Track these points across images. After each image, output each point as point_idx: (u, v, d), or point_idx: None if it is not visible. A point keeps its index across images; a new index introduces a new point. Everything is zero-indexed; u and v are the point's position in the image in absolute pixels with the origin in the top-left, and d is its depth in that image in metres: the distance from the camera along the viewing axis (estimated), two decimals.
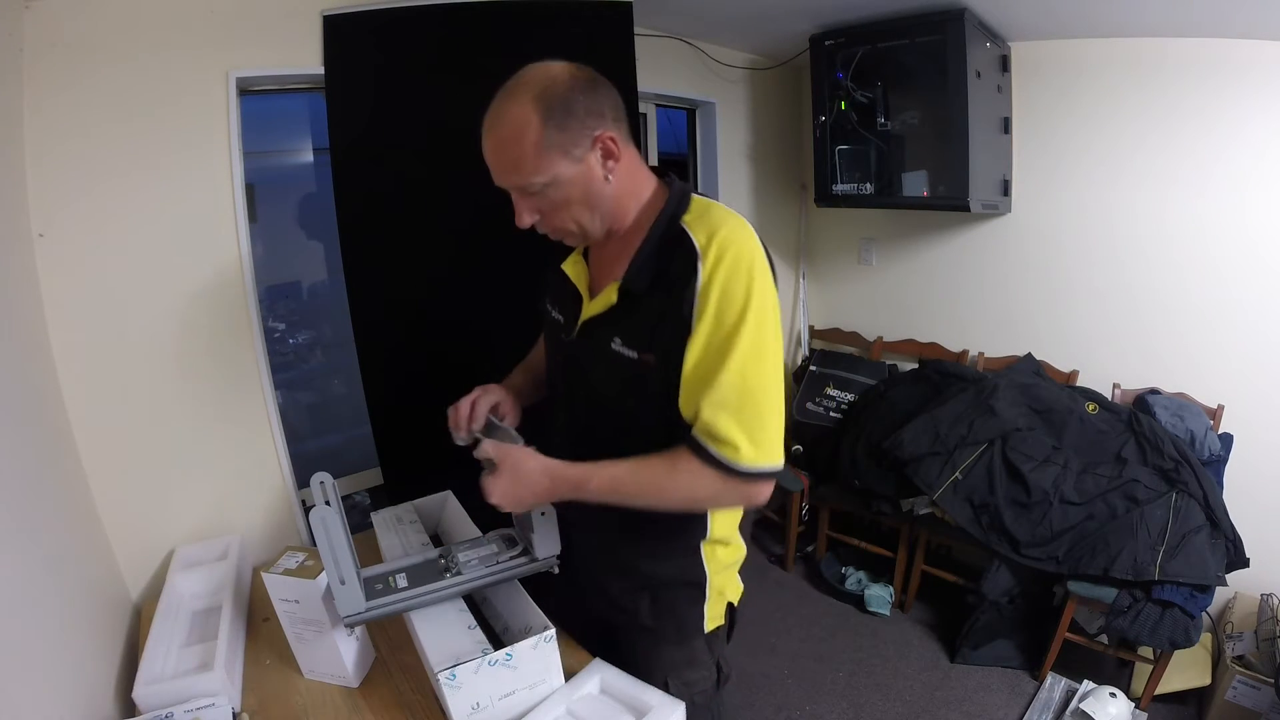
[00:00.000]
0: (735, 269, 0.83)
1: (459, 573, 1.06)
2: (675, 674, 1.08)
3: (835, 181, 2.41)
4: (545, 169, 0.84)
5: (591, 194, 0.88)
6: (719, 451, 0.84)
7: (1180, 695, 1.99)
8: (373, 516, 1.37)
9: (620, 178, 0.89)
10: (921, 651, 2.29)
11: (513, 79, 0.85)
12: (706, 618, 1.07)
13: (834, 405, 2.73)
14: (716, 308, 0.83)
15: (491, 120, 0.85)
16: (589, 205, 0.89)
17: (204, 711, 1.00)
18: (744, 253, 0.84)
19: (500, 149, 0.85)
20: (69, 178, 1.30)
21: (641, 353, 0.89)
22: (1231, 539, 1.90)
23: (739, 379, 0.83)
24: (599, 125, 0.85)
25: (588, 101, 0.84)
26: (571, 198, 0.87)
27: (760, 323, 0.83)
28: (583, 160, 0.85)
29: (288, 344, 2.38)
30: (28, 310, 1.24)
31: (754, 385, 0.83)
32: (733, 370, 0.83)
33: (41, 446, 1.18)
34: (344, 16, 1.57)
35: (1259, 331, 2.05)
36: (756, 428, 0.84)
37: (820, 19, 2.24)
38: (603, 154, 0.87)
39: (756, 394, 0.84)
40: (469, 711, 0.94)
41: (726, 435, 0.83)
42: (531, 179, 0.84)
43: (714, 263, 0.83)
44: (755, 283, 0.84)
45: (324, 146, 1.67)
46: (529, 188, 0.86)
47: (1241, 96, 1.96)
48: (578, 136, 0.84)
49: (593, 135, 0.85)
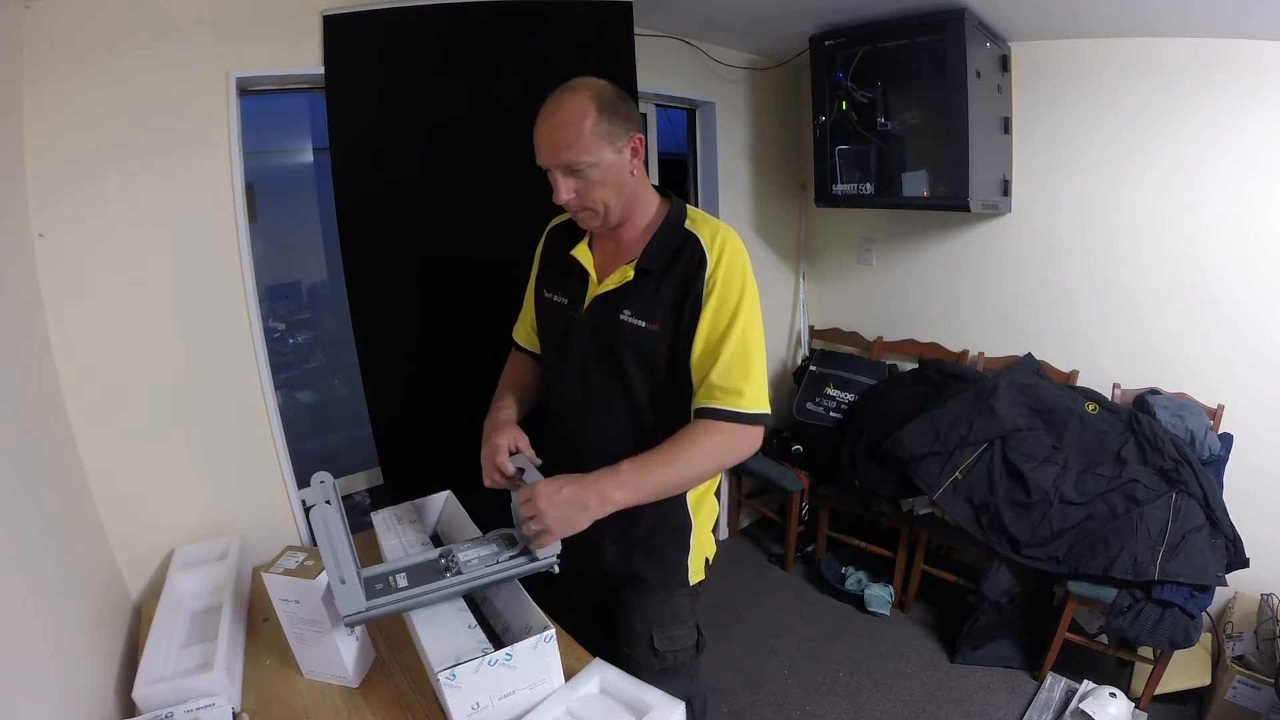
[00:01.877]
0: (734, 262, 1.07)
1: (459, 572, 1.06)
2: (660, 628, 1.20)
3: (835, 181, 2.41)
4: (593, 150, 1.02)
5: (621, 182, 1.07)
6: (729, 404, 1.04)
7: (1180, 695, 1.99)
8: (373, 516, 1.37)
9: (639, 178, 1.11)
10: (921, 651, 2.29)
11: (566, 85, 1.05)
12: (690, 570, 1.21)
13: (834, 405, 2.73)
14: (722, 290, 1.05)
15: (552, 109, 1.03)
16: (617, 191, 1.07)
17: (204, 711, 1.00)
18: (739, 250, 1.09)
19: (559, 130, 1.02)
20: (69, 178, 1.30)
21: (649, 323, 1.08)
22: (1231, 539, 1.90)
23: (740, 344, 1.05)
24: (634, 128, 1.07)
25: (627, 109, 1.06)
26: (607, 180, 1.05)
27: (752, 302, 1.07)
28: (621, 152, 1.05)
29: (288, 344, 2.38)
30: (28, 310, 1.24)
31: (750, 348, 1.06)
32: (735, 337, 1.05)
33: (41, 446, 1.18)
34: (344, 16, 1.58)
35: (1259, 331, 2.05)
36: (755, 381, 1.06)
37: (820, 19, 2.24)
38: (632, 152, 1.07)
39: (752, 353, 1.06)
40: (469, 711, 0.94)
41: (735, 385, 1.04)
42: (581, 157, 1.02)
43: (718, 256, 1.07)
44: (748, 272, 1.09)
45: (324, 146, 1.67)
46: (576, 164, 1.03)
47: (1241, 96, 1.96)
48: (620, 132, 1.04)
49: (629, 134, 1.06)
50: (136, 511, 1.42)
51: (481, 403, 1.82)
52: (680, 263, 1.08)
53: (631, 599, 1.21)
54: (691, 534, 1.20)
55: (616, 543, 1.19)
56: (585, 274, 1.15)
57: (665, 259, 1.09)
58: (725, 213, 2.74)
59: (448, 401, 1.79)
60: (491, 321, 1.53)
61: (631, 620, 1.21)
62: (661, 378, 1.10)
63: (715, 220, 1.12)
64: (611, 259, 1.15)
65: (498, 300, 1.78)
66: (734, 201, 2.78)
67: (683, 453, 1.04)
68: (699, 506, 1.21)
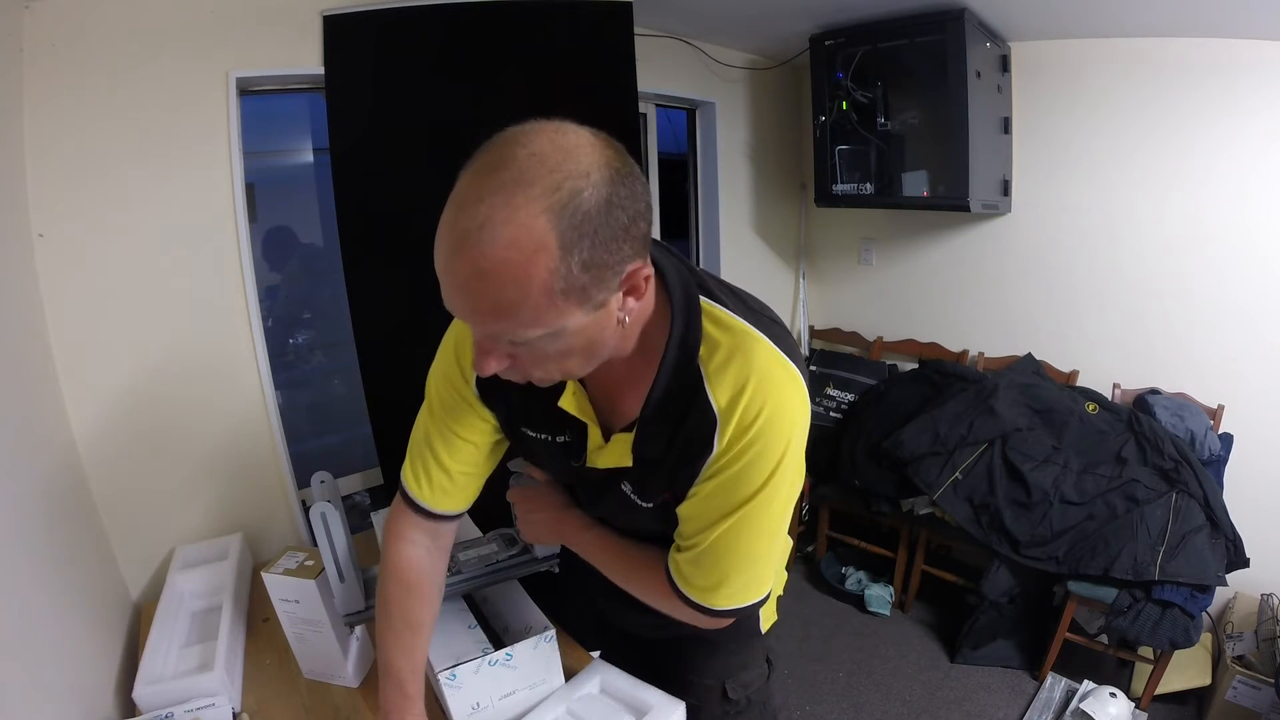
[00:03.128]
0: (765, 451, 0.66)
1: (459, 572, 1.06)
2: (732, 677, 1.04)
3: (835, 181, 2.41)
4: (551, 321, 0.56)
5: (596, 344, 0.62)
6: (693, 594, 0.76)
7: (1180, 695, 1.99)
8: (373, 516, 1.37)
9: (636, 317, 0.65)
10: (921, 651, 2.29)
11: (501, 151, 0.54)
12: (763, 620, 1.03)
13: (834, 405, 2.73)
14: (731, 482, 0.69)
15: (465, 229, 0.52)
16: (589, 355, 0.63)
17: (204, 711, 1.00)
18: (781, 429, 0.66)
19: (481, 284, 0.53)
20: (69, 178, 1.30)
21: (649, 500, 0.79)
22: (1231, 539, 1.90)
23: (734, 533, 0.71)
24: (635, 255, 0.57)
25: (629, 215, 0.55)
26: (572, 349, 0.61)
27: (774, 494, 0.69)
28: (604, 307, 0.58)
29: (288, 344, 2.38)
30: (28, 310, 1.24)
31: (745, 548, 0.73)
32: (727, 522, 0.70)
33: (41, 446, 1.18)
34: (344, 16, 1.57)
35: (1259, 331, 2.05)
36: (741, 576, 0.75)
37: (820, 19, 2.24)
38: (627, 293, 0.60)
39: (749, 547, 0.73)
40: (469, 711, 0.94)
41: (708, 576, 0.75)
42: (525, 332, 0.56)
43: (735, 437, 0.66)
44: (786, 459, 0.67)
45: (324, 146, 1.67)
46: (515, 338, 0.58)
47: (1242, 96, 1.96)
48: (607, 276, 0.56)
49: (625, 272, 0.57)
50: (136, 511, 1.42)
51: None
52: (682, 437, 0.70)
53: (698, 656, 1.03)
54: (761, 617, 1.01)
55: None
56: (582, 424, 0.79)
57: (668, 433, 0.71)
58: (725, 213, 2.74)
59: None
60: None
61: (698, 676, 1.03)
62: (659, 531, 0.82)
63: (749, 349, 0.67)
64: (614, 396, 0.77)
65: None
66: (734, 201, 2.78)
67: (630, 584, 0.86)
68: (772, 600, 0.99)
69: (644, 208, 0.57)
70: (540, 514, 0.97)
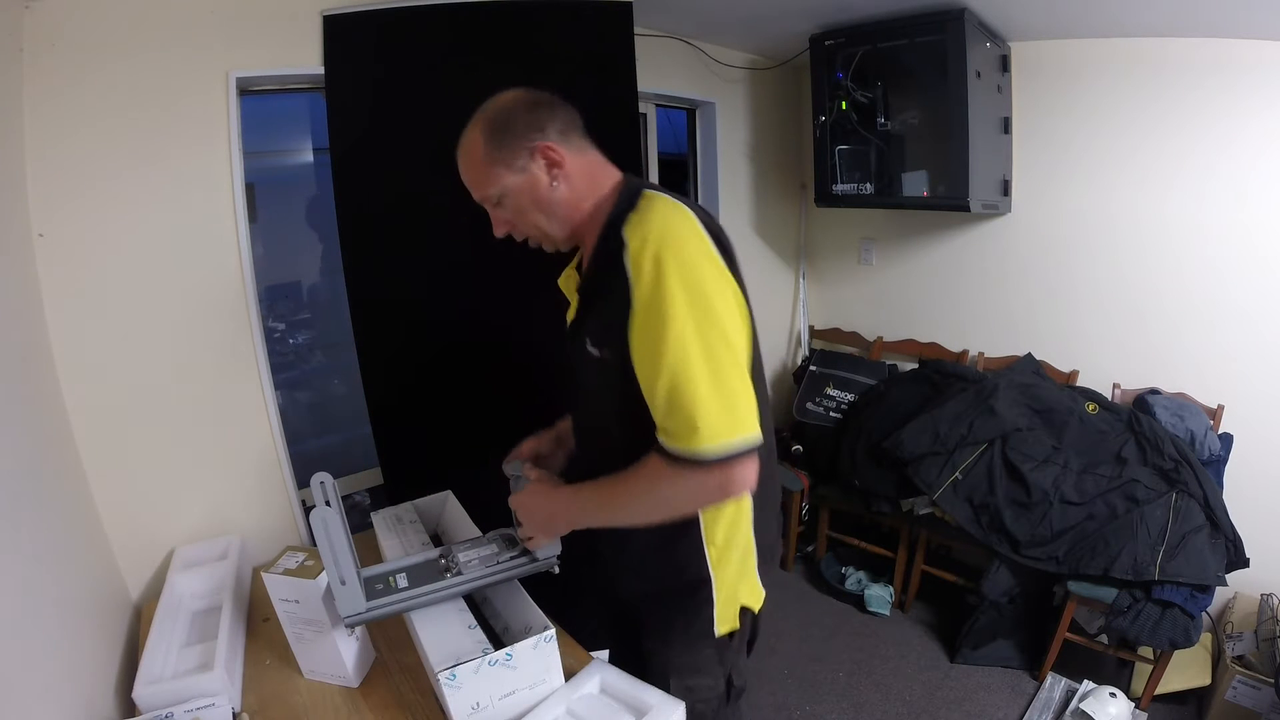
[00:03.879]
0: (659, 255, 0.82)
1: (459, 573, 1.06)
2: (678, 677, 1.06)
3: (835, 181, 2.41)
4: (494, 181, 0.94)
5: (540, 200, 0.94)
6: (678, 444, 0.81)
7: (1180, 695, 1.99)
8: (373, 516, 1.37)
9: (571, 182, 0.95)
10: (921, 651, 2.29)
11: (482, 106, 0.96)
12: (717, 620, 1.04)
13: (834, 405, 2.72)
14: (646, 298, 0.83)
15: (458, 146, 0.97)
16: (543, 210, 0.95)
17: (204, 711, 1.00)
18: (657, 226, 0.85)
19: (463, 170, 0.97)
20: (69, 178, 1.30)
21: (601, 350, 0.92)
22: (1231, 539, 1.90)
23: (681, 355, 0.80)
24: (537, 137, 0.92)
25: (527, 117, 0.93)
26: (524, 205, 0.95)
27: (691, 293, 0.81)
28: (526, 170, 0.93)
29: (288, 344, 2.38)
30: (28, 310, 1.24)
31: (700, 360, 0.80)
32: (670, 356, 0.80)
33: (41, 446, 1.18)
34: (344, 16, 1.57)
35: (1259, 331, 2.05)
36: (712, 405, 0.80)
37: (820, 19, 2.24)
38: (547, 164, 0.93)
39: (706, 368, 0.80)
40: (469, 711, 0.94)
41: (684, 414, 0.80)
42: (486, 191, 0.95)
43: (636, 257, 0.84)
44: (669, 251, 0.82)
45: (324, 146, 1.67)
46: (488, 199, 0.96)
47: (1241, 96, 1.96)
48: (516, 150, 0.92)
49: (530, 147, 0.92)
50: (136, 511, 1.42)
51: (481, 402, 1.82)
52: (606, 262, 0.89)
53: (650, 645, 1.09)
54: (714, 590, 1.03)
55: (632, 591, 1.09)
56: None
57: (601, 273, 0.91)
58: (725, 213, 2.74)
59: (448, 402, 1.79)
60: (492, 321, 1.53)
61: (649, 665, 1.08)
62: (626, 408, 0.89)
63: (661, 207, 0.88)
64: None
65: (498, 300, 1.78)
66: (734, 201, 2.78)
67: (627, 493, 0.90)
68: (721, 563, 1.02)
69: (549, 115, 0.94)
70: (536, 503, 1.03)
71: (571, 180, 0.94)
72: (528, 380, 1.62)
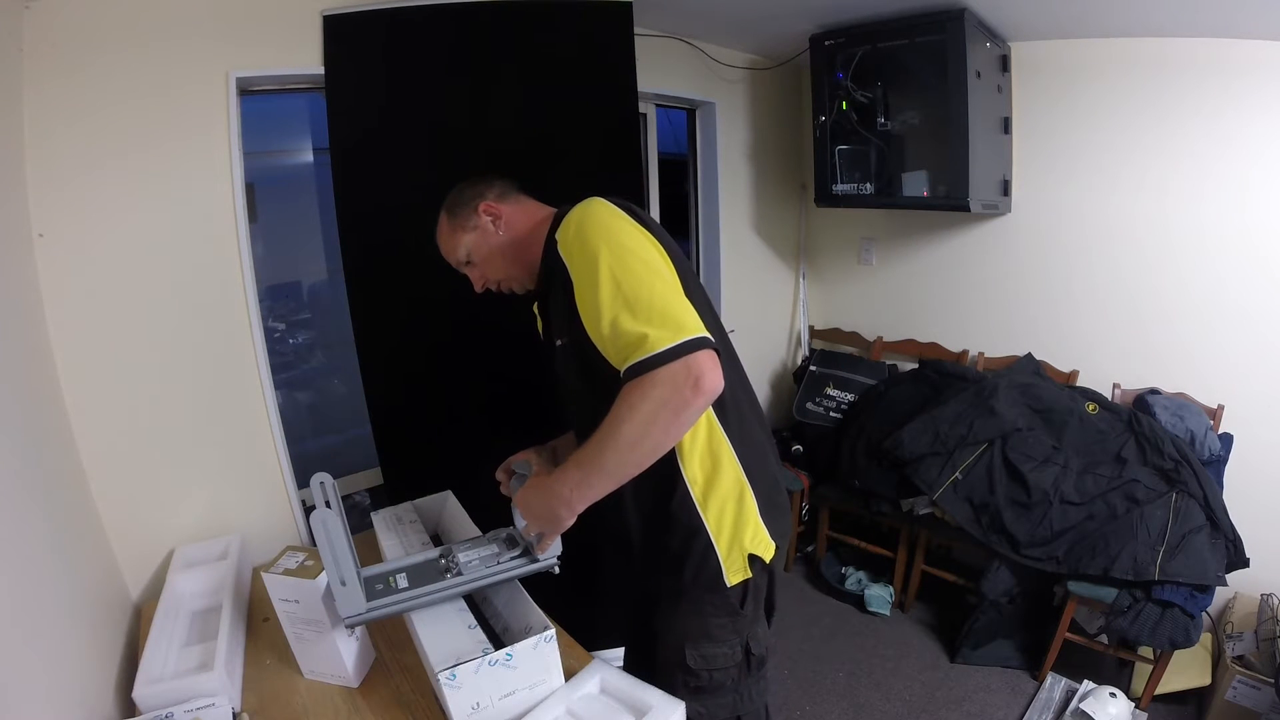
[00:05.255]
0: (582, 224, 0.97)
1: (459, 573, 1.06)
2: (693, 645, 1.08)
3: (835, 181, 2.41)
4: (459, 244, 1.16)
5: (493, 246, 1.15)
6: (636, 355, 0.87)
7: (1180, 695, 1.99)
8: (373, 516, 1.38)
9: (513, 226, 1.14)
10: (921, 651, 2.29)
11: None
12: (725, 569, 1.05)
13: (834, 405, 2.72)
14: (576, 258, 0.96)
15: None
16: (499, 253, 1.15)
17: (204, 711, 1.00)
18: (589, 212, 0.99)
19: (441, 247, 1.20)
20: (69, 178, 1.30)
21: (563, 338, 1.04)
22: (1231, 539, 1.90)
23: (613, 285, 0.91)
24: (479, 200, 1.14)
25: (471, 190, 1.16)
26: (484, 254, 1.15)
27: (609, 242, 0.94)
28: (477, 227, 1.15)
29: (288, 344, 2.38)
30: (28, 310, 1.24)
31: (630, 283, 0.90)
32: (605, 283, 0.91)
33: (41, 446, 1.18)
34: (344, 16, 1.58)
35: (1259, 331, 2.05)
36: (654, 313, 0.88)
37: (820, 19, 2.24)
38: (490, 217, 1.14)
39: (637, 289, 0.90)
40: (469, 711, 0.94)
41: (630, 333, 0.88)
42: (457, 255, 1.17)
43: (565, 244, 0.99)
44: (588, 223, 0.97)
45: (324, 146, 1.67)
46: (460, 262, 1.18)
47: (1241, 96, 1.96)
48: (467, 214, 1.15)
49: (475, 207, 1.14)
50: (136, 511, 1.42)
51: (481, 402, 1.82)
52: (547, 264, 1.05)
53: (664, 610, 1.12)
54: (711, 533, 1.04)
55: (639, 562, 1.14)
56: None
57: (547, 274, 1.07)
58: (725, 213, 2.74)
59: (448, 402, 1.79)
60: (492, 321, 1.52)
61: (665, 635, 1.11)
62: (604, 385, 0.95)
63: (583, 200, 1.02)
64: None
65: (498, 300, 1.78)
66: (734, 201, 2.78)
67: (610, 427, 0.90)
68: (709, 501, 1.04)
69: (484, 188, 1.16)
70: (535, 496, 1.03)
71: (513, 224, 1.14)
72: (528, 380, 1.62)
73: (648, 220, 1.03)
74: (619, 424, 0.89)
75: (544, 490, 1.01)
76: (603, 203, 1.01)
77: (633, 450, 0.90)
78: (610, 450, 0.91)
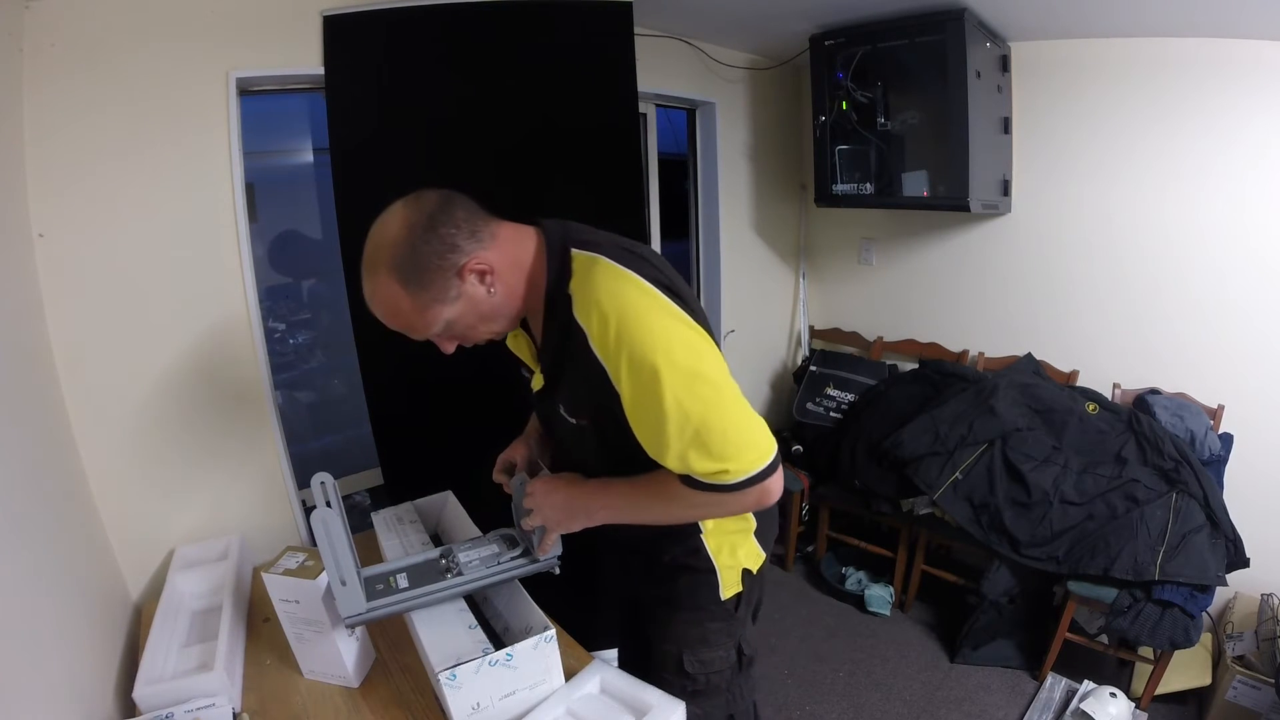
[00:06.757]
0: (621, 331, 0.82)
1: (459, 573, 1.06)
2: (690, 652, 1.10)
3: (835, 181, 2.41)
4: (434, 321, 0.89)
5: (485, 313, 0.92)
6: (712, 483, 0.85)
7: (1180, 695, 1.99)
8: (373, 516, 1.37)
9: (506, 278, 0.91)
10: (921, 651, 2.29)
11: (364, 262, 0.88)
12: (722, 585, 1.08)
13: (834, 405, 2.72)
14: (628, 380, 0.83)
15: (368, 296, 0.89)
16: (489, 319, 0.93)
17: (204, 711, 1.00)
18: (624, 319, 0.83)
19: (391, 321, 0.90)
20: (69, 178, 1.30)
21: (579, 419, 0.97)
22: (1231, 539, 1.90)
23: (682, 421, 0.82)
24: (458, 258, 0.86)
25: (435, 244, 0.85)
26: (470, 323, 0.92)
27: (668, 359, 0.81)
28: (461, 295, 0.88)
29: (288, 344, 2.39)
30: (28, 310, 1.24)
31: (699, 414, 0.82)
32: (673, 420, 0.82)
33: (41, 446, 1.18)
34: (344, 16, 1.57)
35: (1259, 331, 2.05)
36: (729, 446, 0.83)
37: (820, 19, 2.24)
38: (478, 277, 0.88)
39: (708, 419, 0.82)
40: (469, 711, 0.95)
41: (706, 470, 0.84)
42: (430, 331, 0.91)
43: (601, 343, 0.84)
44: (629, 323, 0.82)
45: (324, 146, 1.67)
46: (432, 336, 0.93)
47: (1241, 96, 1.96)
48: (444, 283, 0.86)
49: (456, 271, 0.86)
50: (136, 511, 1.42)
51: (481, 402, 1.82)
52: (567, 344, 0.89)
53: (660, 619, 1.13)
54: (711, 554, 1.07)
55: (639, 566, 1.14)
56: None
57: (557, 351, 0.93)
58: (725, 213, 2.74)
59: (448, 402, 1.78)
60: None
61: (661, 643, 1.12)
62: (610, 460, 0.97)
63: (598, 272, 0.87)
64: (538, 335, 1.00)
65: None
66: (734, 201, 2.78)
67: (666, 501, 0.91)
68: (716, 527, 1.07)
69: (450, 223, 0.86)
70: (557, 490, 1.02)
71: (505, 276, 0.91)
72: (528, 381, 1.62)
73: (671, 282, 0.91)
74: (676, 504, 0.91)
75: (571, 494, 1.01)
76: (631, 281, 0.86)
77: (677, 521, 0.98)
78: (658, 514, 0.95)
